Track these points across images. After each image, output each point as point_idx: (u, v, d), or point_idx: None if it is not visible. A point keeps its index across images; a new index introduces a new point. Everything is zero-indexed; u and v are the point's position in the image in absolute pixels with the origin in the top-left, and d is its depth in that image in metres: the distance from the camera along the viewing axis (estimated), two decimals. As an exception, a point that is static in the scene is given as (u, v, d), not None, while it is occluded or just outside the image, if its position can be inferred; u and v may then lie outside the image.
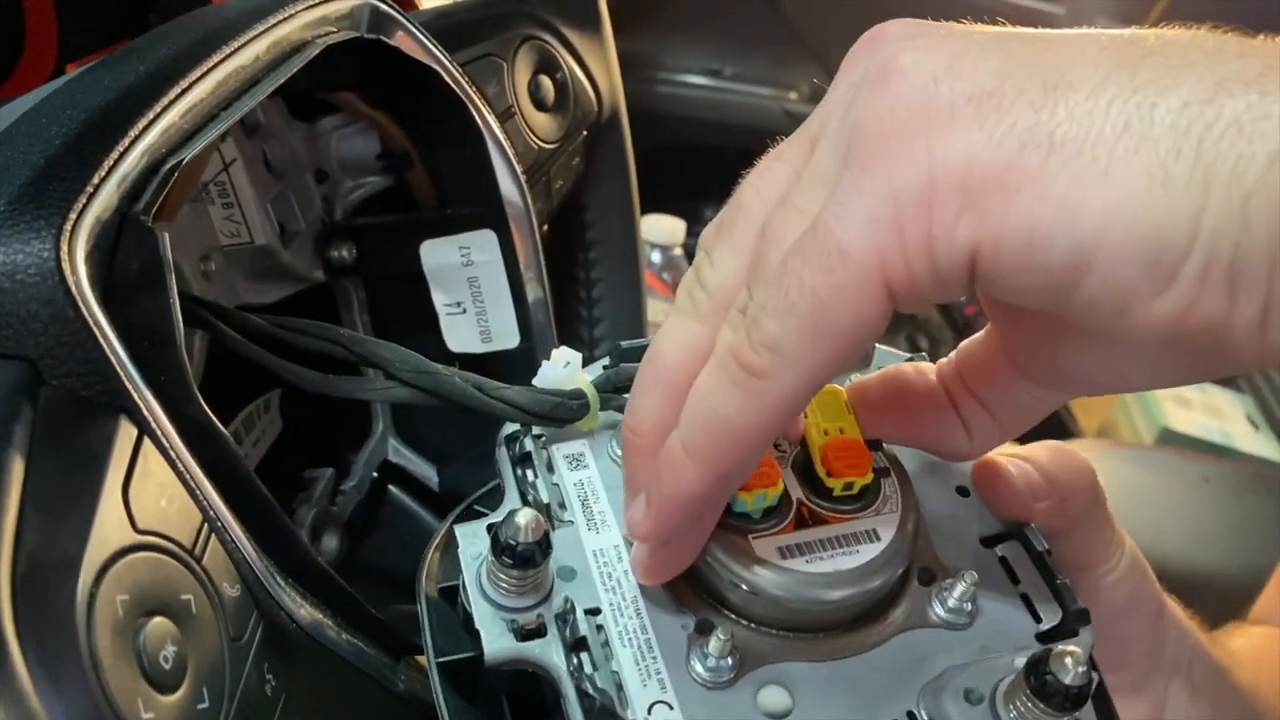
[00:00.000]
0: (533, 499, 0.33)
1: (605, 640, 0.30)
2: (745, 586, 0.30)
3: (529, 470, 0.34)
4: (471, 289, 0.54)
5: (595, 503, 0.33)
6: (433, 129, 0.53)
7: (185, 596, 0.29)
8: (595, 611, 0.30)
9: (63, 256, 0.30)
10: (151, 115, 0.35)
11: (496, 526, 0.30)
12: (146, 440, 0.31)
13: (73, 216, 0.31)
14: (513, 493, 0.34)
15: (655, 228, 1.25)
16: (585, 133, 0.64)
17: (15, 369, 0.30)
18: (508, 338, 0.55)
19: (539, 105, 0.59)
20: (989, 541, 0.34)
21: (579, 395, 0.35)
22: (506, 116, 0.55)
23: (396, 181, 0.56)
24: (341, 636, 0.36)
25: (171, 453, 0.31)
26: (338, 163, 0.56)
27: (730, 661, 0.29)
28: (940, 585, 0.32)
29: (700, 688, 0.29)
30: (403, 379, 0.38)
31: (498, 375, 0.37)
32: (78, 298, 0.30)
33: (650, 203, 0.80)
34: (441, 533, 0.34)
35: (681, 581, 0.31)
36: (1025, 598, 0.32)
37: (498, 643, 0.29)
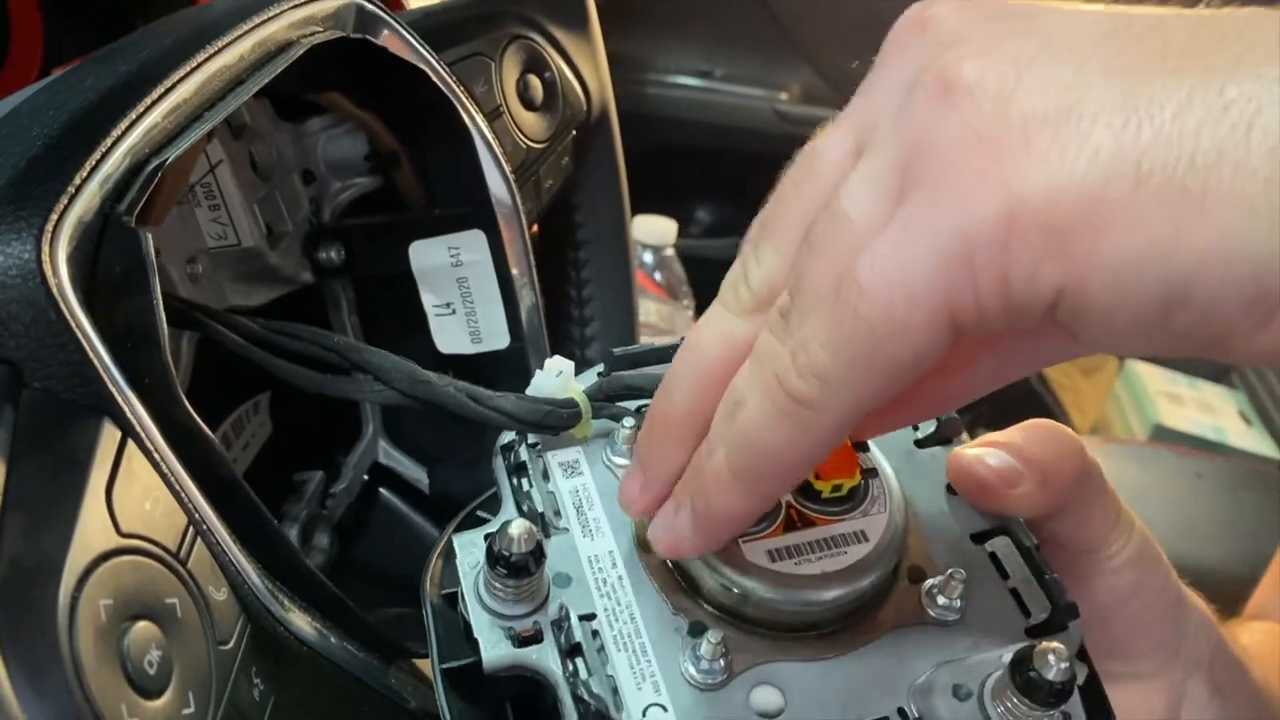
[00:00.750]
0: (528, 507, 0.34)
1: (600, 645, 0.30)
2: (736, 590, 0.30)
3: (524, 479, 0.34)
4: (461, 289, 0.54)
5: (590, 510, 0.33)
6: (421, 129, 0.52)
7: (170, 600, 0.29)
8: (590, 617, 0.31)
9: (44, 258, 0.30)
10: (134, 115, 0.34)
11: (491, 537, 0.30)
12: (130, 443, 0.30)
13: (54, 217, 0.31)
14: (509, 501, 0.34)
15: (647, 228, 1.25)
16: (574, 132, 0.63)
17: (-4, 371, 0.30)
18: (498, 338, 0.54)
19: (527, 105, 0.59)
20: (979, 538, 0.34)
21: (570, 404, 0.35)
22: (495, 116, 0.54)
23: (385, 182, 0.56)
24: (330, 640, 0.36)
25: (155, 455, 0.31)
26: (325, 164, 0.56)
27: (723, 663, 0.29)
28: (930, 583, 0.32)
29: (693, 689, 0.29)
30: (396, 388, 0.38)
31: (488, 376, 0.37)
32: (59, 299, 0.30)
33: (641, 203, 0.80)
34: (444, 540, 0.35)
35: (674, 585, 0.32)
36: (1015, 593, 0.33)
37: (495, 650, 0.30)
